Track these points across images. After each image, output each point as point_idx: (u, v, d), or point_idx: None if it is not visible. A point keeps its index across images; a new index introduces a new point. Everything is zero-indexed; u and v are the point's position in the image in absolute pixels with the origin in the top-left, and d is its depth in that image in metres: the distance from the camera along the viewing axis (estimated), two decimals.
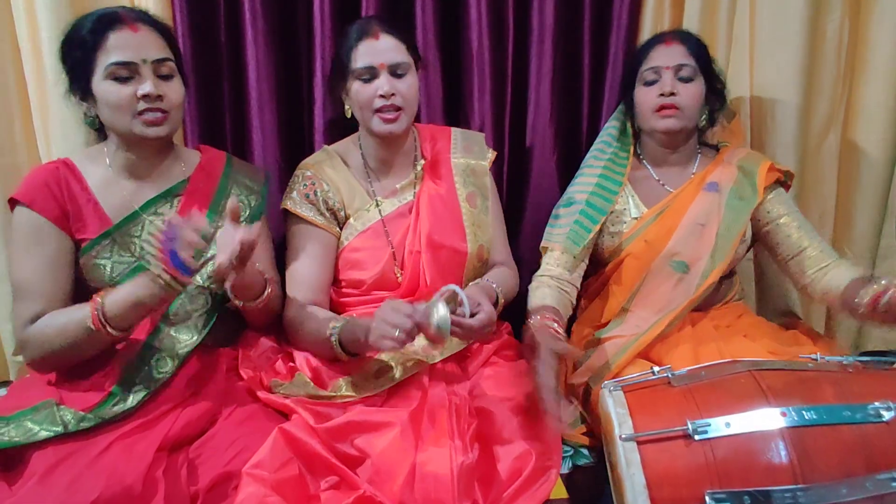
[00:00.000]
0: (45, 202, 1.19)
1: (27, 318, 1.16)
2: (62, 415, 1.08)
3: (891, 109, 1.64)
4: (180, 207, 1.27)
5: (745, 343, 1.34)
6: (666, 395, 1.02)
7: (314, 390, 1.23)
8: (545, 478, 1.09)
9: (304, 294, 1.34)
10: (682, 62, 1.43)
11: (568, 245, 1.44)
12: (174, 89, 1.21)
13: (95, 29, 1.16)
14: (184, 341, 1.21)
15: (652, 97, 1.44)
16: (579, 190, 1.52)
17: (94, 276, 1.21)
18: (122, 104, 1.16)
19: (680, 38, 1.47)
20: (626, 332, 1.40)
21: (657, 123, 1.45)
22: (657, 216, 1.46)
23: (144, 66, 1.17)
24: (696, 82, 1.44)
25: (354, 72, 1.32)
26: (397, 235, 1.39)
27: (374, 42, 1.32)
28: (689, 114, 1.44)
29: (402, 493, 1.03)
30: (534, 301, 1.41)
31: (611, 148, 1.56)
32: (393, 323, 1.09)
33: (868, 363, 1.06)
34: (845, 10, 1.62)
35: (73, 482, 0.99)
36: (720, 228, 1.42)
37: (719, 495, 0.90)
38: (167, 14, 1.50)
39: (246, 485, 1.03)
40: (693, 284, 1.41)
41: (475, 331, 1.18)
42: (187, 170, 1.32)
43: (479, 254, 1.43)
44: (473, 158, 1.50)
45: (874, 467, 0.92)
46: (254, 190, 1.38)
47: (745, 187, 1.45)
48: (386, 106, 1.31)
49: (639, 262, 1.45)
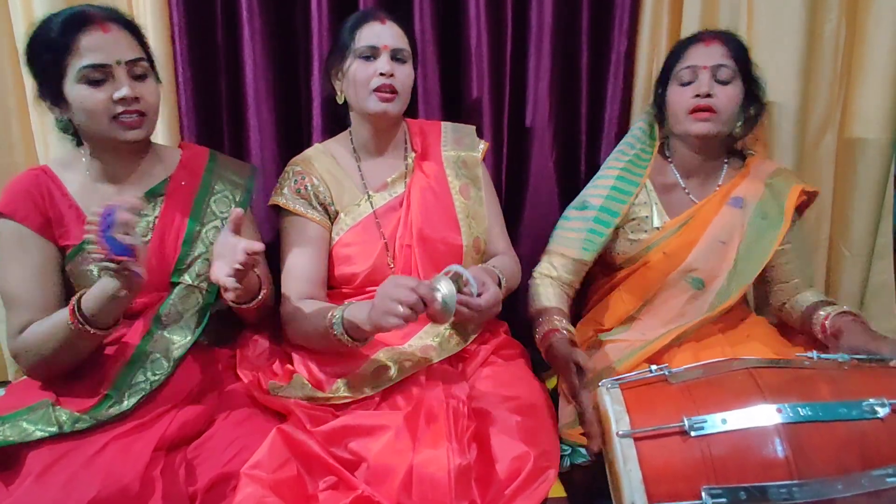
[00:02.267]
0: (28, 211, 1.18)
1: (17, 329, 1.15)
2: (57, 415, 1.08)
3: (887, 110, 1.64)
4: (164, 208, 1.26)
5: (752, 344, 1.34)
6: (663, 393, 1.03)
7: (312, 392, 1.23)
8: (543, 477, 1.09)
9: (302, 288, 1.33)
10: (721, 63, 1.37)
11: (579, 253, 1.42)
12: (149, 90, 1.19)
13: (65, 30, 1.11)
14: (177, 342, 1.20)
15: (686, 98, 1.39)
16: (595, 193, 1.48)
17: (83, 282, 1.20)
18: (97, 108, 1.13)
19: (721, 38, 1.40)
20: (631, 339, 1.40)
21: (691, 127, 1.39)
22: (679, 228, 1.43)
23: (118, 68, 1.14)
24: (735, 85, 1.38)
25: (356, 50, 1.33)
26: (388, 229, 1.38)
27: (379, 25, 1.34)
28: (724, 118, 1.38)
29: (400, 495, 1.02)
30: (541, 301, 1.40)
31: (634, 150, 1.51)
32: (396, 298, 1.06)
33: (863, 361, 1.07)
34: (842, 11, 1.63)
35: (69, 482, 0.99)
36: (740, 247, 1.39)
37: (716, 491, 0.91)
38: (164, 12, 1.51)
39: (244, 485, 1.03)
40: (707, 302, 1.39)
41: (483, 310, 1.18)
42: (168, 168, 1.30)
43: (475, 246, 1.42)
44: (464, 150, 1.50)
45: (869, 463, 0.92)
46: (239, 184, 1.35)
47: (770, 206, 1.41)
48: (384, 85, 1.32)
49: (655, 274, 1.43)
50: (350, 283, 1.39)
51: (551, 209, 1.71)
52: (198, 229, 1.27)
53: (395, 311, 1.06)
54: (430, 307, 1.08)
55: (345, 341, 1.18)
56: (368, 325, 1.13)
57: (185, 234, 1.25)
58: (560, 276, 1.44)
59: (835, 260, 1.78)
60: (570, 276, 1.45)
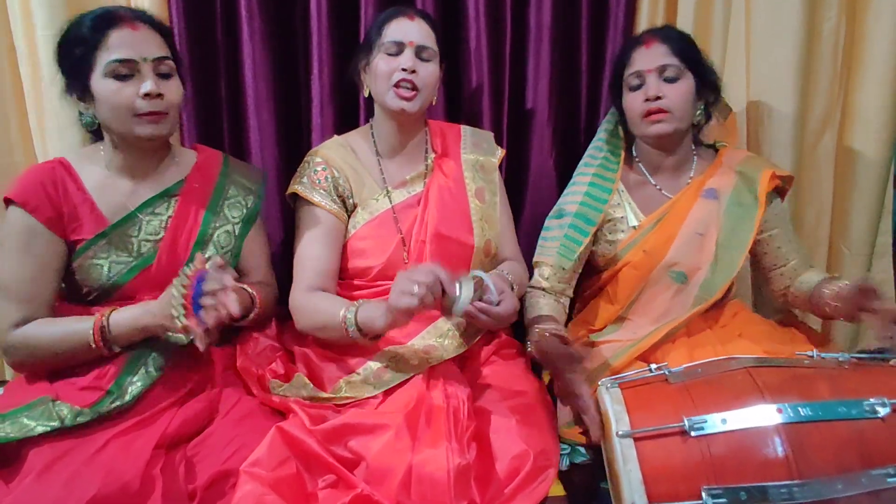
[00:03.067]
0: (40, 203, 1.18)
1: (12, 322, 1.16)
2: (58, 410, 1.08)
3: (887, 109, 1.64)
4: (178, 208, 1.27)
5: (742, 343, 1.33)
6: (663, 392, 1.03)
7: (314, 392, 1.23)
8: (543, 477, 1.09)
9: (313, 279, 1.33)
10: (665, 62, 1.37)
11: (558, 260, 1.43)
12: (173, 88, 1.21)
13: (96, 27, 1.16)
14: (176, 340, 1.21)
15: (638, 103, 1.39)
16: (569, 201, 1.49)
17: (91, 277, 1.21)
18: (122, 103, 1.16)
19: (660, 37, 1.40)
20: (622, 338, 1.40)
21: (647, 130, 1.40)
22: (656, 224, 1.43)
23: (144, 64, 1.17)
24: (684, 80, 1.38)
25: (383, 45, 1.34)
26: (405, 225, 1.39)
27: (408, 21, 1.35)
28: (679, 115, 1.38)
29: (399, 494, 1.02)
30: (531, 312, 1.41)
31: (601, 153, 1.52)
32: (415, 279, 1.09)
33: (864, 360, 1.07)
34: (841, 9, 1.63)
35: (70, 479, 0.99)
36: (719, 238, 1.39)
37: (716, 491, 0.91)
38: (164, 13, 1.50)
39: (244, 483, 1.03)
40: (691, 295, 1.40)
41: (501, 319, 1.21)
42: (184, 170, 1.32)
43: (486, 248, 1.43)
44: (483, 154, 1.51)
45: (869, 463, 0.92)
46: (251, 190, 1.38)
47: (744, 194, 1.41)
48: (405, 80, 1.32)
49: (637, 272, 1.43)
50: (363, 277, 1.39)
51: (551, 208, 1.71)
52: (210, 232, 1.29)
53: (412, 290, 1.08)
54: (446, 296, 1.11)
55: (357, 339, 1.21)
56: (383, 316, 1.15)
57: (198, 235, 1.27)
58: (552, 287, 1.45)
59: (835, 258, 1.79)
60: (560, 285, 1.46)
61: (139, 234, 1.24)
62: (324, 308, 1.27)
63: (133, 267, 1.22)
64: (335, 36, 1.57)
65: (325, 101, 1.61)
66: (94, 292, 1.23)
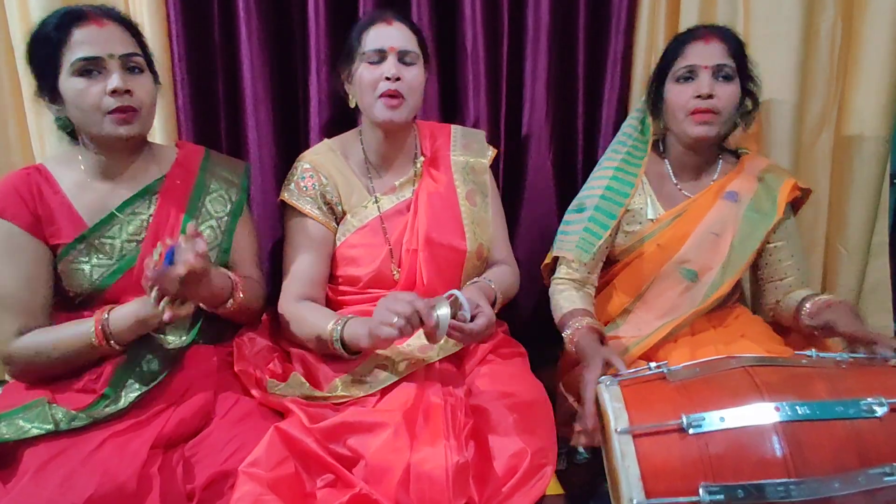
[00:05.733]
0: (16, 209, 1.17)
1: (11, 333, 1.15)
2: (53, 413, 1.08)
3: (884, 107, 1.65)
4: (158, 206, 1.25)
5: (745, 343, 1.34)
6: (661, 390, 1.03)
7: (309, 391, 1.23)
8: (541, 474, 1.10)
9: (300, 288, 1.34)
10: (722, 62, 1.34)
11: (578, 254, 1.42)
12: (143, 85, 1.18)
13: (60, 25, 1.13)
14: (172, 342, 1.21)
15: (686, 97, 1.36)
16: (590, 194, 1.47)
17: (75, 281, 1.19)
18: (90, 102, 1.13)
19: (719, 36, 1.37)
20: (626, 335, 1.40)
21: (691, 129, 1.37)
22: (673, 219, 1.43)
23: (111, 61, 1.14)
24: (735, 84, 1.36)
25: (364, 54, 1.32)
26: (395, 233, 1.39)
27: (386, 27, 1.33)
28: (725, 117, 1.36)
29: (398, 492, 1.02)
30: (563, 305, 1.39)
31: (626, 147, 1.50)
32: (394, 310, 1.10)
33: (862, 360, 1.07)
34: (838, 9, 1.63)
35: (66, 479, 0.99)
36: (734, 240, 1.39)
37: (713, 488, 0.91)
38: (161, 13, 1.50)
39: (242, 483, 1.03)
40: (700, 294, 1.40)
41: (475, 335, 1.21)
42: (164, 167, 1.30)
43: (478, 252, 1.43)
44: (473, 156, 1.50)
45: (867, 462, 0.92)
46: (234, 183, 1.36)
47: (763, 201, 1.41)
48: (390, 90, 1.31)
49: (649, 266, 1.43)
50: (353, 285, 1.39)
51: (549, 208, 1.72)
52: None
53: (391, 322, 1.10)
54: (426, 324, 1.12)
55: (338, 351, 1.23)
56: (366, 338, 1.16)
57: (180, 232, 1.24)
58: (575, 277, 1.44)
59: (831, 258, 1.79)
60: (583, 275, 1.45)
61: (120, 236, 1.22)
62: (311, 321, 1.28)
63: (115, 270, 1.21)
64: (333, 36, 1.57)
65: (323, 101, 1.61)
66: (79, 297, 1.21)
